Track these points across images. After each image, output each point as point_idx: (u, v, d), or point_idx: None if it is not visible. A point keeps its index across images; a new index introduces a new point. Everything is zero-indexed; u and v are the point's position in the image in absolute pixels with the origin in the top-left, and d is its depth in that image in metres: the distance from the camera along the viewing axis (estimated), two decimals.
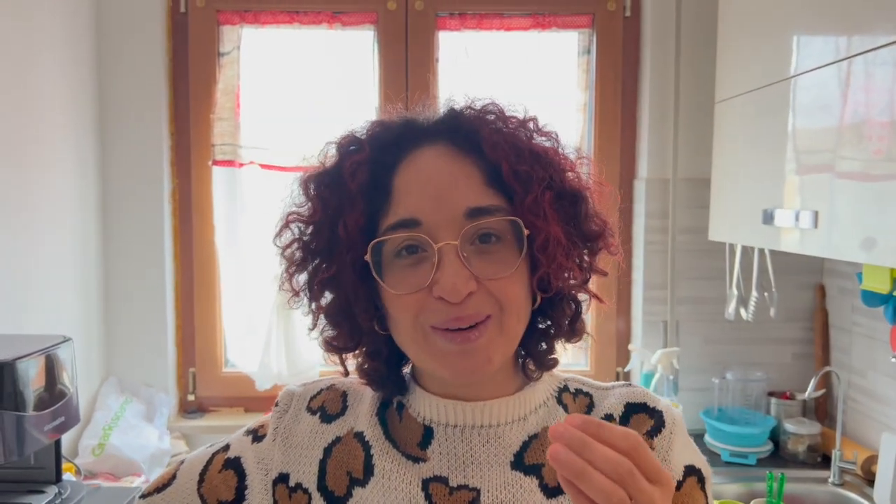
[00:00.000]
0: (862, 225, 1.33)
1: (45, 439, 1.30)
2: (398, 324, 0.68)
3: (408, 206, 0.65)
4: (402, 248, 0.66)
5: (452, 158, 0.67)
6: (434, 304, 0.64)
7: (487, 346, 0.66)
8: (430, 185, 0.66)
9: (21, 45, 1.70)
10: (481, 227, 0.65)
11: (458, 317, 0.64)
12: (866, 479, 1.79)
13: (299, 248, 0.71)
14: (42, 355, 1.30)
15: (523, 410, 0.73)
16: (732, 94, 1.81)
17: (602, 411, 0.74)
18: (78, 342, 1.88)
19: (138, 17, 2.06)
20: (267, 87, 2.13)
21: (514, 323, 0.67)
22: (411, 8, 2.11)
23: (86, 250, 2.01)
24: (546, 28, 2.13)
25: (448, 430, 0.71)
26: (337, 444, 0.74)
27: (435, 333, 0.66)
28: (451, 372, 0.66)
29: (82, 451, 1.86)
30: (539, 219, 0.65)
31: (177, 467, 0.79)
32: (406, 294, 0.65)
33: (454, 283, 0.62)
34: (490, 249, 0.65)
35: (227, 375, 2.22)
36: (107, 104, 2.07)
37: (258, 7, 2.10)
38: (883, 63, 1.28)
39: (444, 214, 0.64)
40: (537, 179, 0.66)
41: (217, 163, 2.12)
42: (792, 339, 2.14)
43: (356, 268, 0.67)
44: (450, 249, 0.64)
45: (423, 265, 0.65)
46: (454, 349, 0.65)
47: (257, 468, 0.75)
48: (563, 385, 0.77)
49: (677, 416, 0.74)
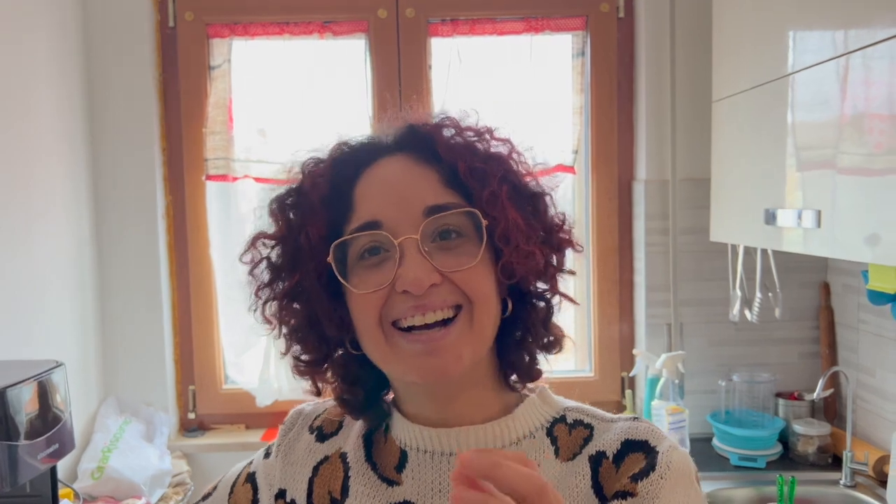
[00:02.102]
0: (865, 221, 1.30)
1: (39, 467, 1.28)
2: (363, 329, 0.67)
3: (368, 209, 0.67)
4: (365, 251, 0.66)
5: (411, 165, 0.68)
6: (398, 298, 0.64)
7: (456, 343, 0.64)
8: (389, 189, 0.67)
9: (9, 63, 1.68)
10: (441, 223, 0.65)
11: (422, 304, 0.63)
12: (878, 479, 1.76)
13: (267, 267, 0.71)
14: (34, 382, 1.28)
15: (500, 441, 0.69)
16: (730, 92, 1.79)
17: (596, 447, 0.69)
18: (75, 363, 1.86)
19: (127, 33, 2.05)
20: (259, 100, 2.11)
21: (483, 316, 0.65)
22: (402, 15, 2.09)
23: (80, 269, 1.98)
24: (539, 31, 2.10)
25: (420, 456, 0.71)
26: (324, 464, 0.76)
27: (399, 336, 0.65)
28: (419, 373, 0.64)
29: (81, 474, 1.83)
30: (497, 209, 0.66)
31: (220, 479, 0.85)
32: (369, 292, 0.65)
33: (416, 274, 0.62)
34: (451, 245, 0.65)
35: (228, 392, 2.20)
36: (97, 121, 2.05)
37: (248, 19, 2.08)
38: (881, 57, 1.26)
39: (403, 214, 0.65)
40: (493, 175, 0.67)
41: (210, 177, 2.10)
42: (798, 339, 2.11)
43: (320, 276, 0.68)
44: (411, 244, 0.64)
45: (386, 264, 0.65)
46: (419, 349, 0.64)
47: (265, 483, 0.79)
48: (560, 414, 0.73)
49: (678, 461, 0.66)
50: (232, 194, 2.11)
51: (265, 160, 2.10)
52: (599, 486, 0.67)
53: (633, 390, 2.20)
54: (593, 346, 2.22)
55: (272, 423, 2.18)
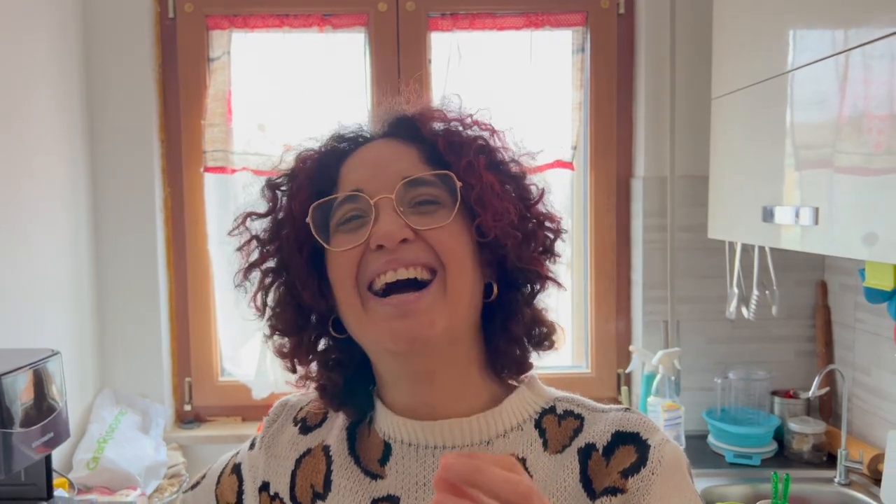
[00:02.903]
0: (863, 220, 1.30)
1: (34, 455, 1.28)
2: (340, 294, 0.67)
3: (350, 182, 0.68)
4: (345, 220, 0.67)
5: (394, 143, 0.71)
6: (372, 256, 0.64)
7: (430, 308, 0.63)
8: (370, 162, 0.69)
9: (8, 54, 1.68)
10: (417, 192, 0.66)
11: (394, 259, 0.63)
12: (873, 478, 1.76)
13: (256, 246, 0.72)
14: (30, 370, 1.27)
15: (486, 434, 0.68)
16: (729, 89, 1.78)
17: (586, 438, 0.67)
18: (71, 353, 1.86)
19: (126, 24, 2.04)
20: (258, 92, 2.11)
21: (457, 282, 0.65)
22: (402, 9, 2.09)
23: (78, 260, 1.98)
24: (539, 27, 2.10)
25: (404, 449, 0.70)
26: (307, 456, 0.75)
27: (374, 300, 0.64)
28: (391, 337, 0.63)
29: (76, 465, 1.83)
30: (473, 177, 0.67)
31: (210, 468, 0.85)
32: (344, 249, 0.66)
33: (388, 227, 0.63)
34: (428, 210, 0.66)
35: (224, 384, 2.20)
36: (96, 112, 2.05)
37: (247, 11, 2.08)
38: (881, 55, 1.25)
39: (381, 181, 0.66)
40: (470, 146, 0.69)
41: (209, 169, 2.09)
42: (794, 337, 2.12)
43: (302, 246, 0.69)
44: (385, 203, 0.65)
45: (363, 228, 0.66)
46: (392, 313, 0.63)
47: (249, 475, 0.78)
48: (549, 405, 0.71)
49: (670, 456, 0.64)
50: (230, 187, 2.10)
51: (264, 153, 2.10)
52: (588, 479, 0.65)
53: (629, 387, 2.20)
54: (590, 342, 2.22)
55: None
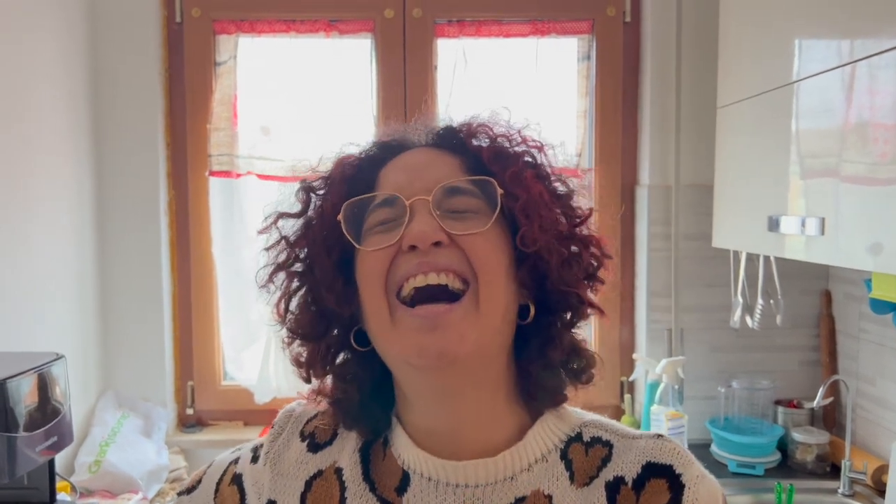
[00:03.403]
0: (868, 230, 1.30)
1: (38, 459, 1.28)
2: (367, 298, 0.64)
3: (388, 186, 0.66)
4: (379, 223, 0.65)
5: (436, 152, 0.69)
6: (403, 258, 0.62)
7: (460, 322, 0.60)
8: (410, 168, 0.67)
9: (15, 57, 1.68)
10: (455, 200, 0.64)
11: (426, 262, 0.61)
12: (877, 489, 1.75)
13: (284, 247, 0.70)
14: (34, 374, 1.28)
15: (511, 470, 0.65)
16: (734, 99, 1.78)
17: (615, 471, 0.63)
18: (74, 356, 1.86)
19: (133, 28, 2.05)
20: (264, 97, 2.11)
21: (490, 296, 0.61)
22: (409, 15, 2.09)
23: (82, 263, 1.98)
24: (545, 34, 2.10)
25: (423, 482, 0.66)
26: (318, 478, 0.71)
27: (403, 310, 0.61)
28: (418, 352, 0.60)
29: (79, 468, 1.83)
30: (519, 187, 0.64)
31: (205, 470, 0.80)
32: (376, 249, 0.63)
33: (422, 229, 0.61)
34: (465, 217, 0.64)
35: (226, 389, 2.20)
36: (102, 115, 2.05)
37: (254, 16, 2.08)
38: (887, 66, 1.25)
39: (420, 186, 0.64)
40: (518, 157, 0.67)
41: (214, 173, 2.10)
42: (798, 347, 2.11)
43: (330, 249, 0.67)
44: (421, 205, 0.63)
45: (397, 229, 0.63)
46: (421, 324, 0.60)
47: (253, 489, 0.74)
48: (576, 432, 0.67)
49: (705, 497, 0.60)
50: (235, 191, 2.11)
51: (269, 157, 2.10)
52: None
53: (632, 395, 2.20)
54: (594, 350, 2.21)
55: (270, 421, 2.13)
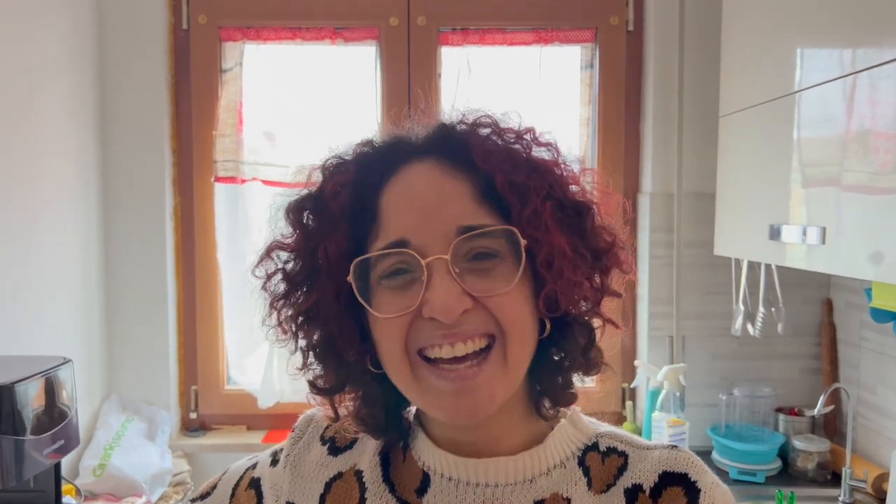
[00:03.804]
0: (869, 239, 1.31)
1: (44, 462, 1.29)
2: (387, 357, 0.61)
3: (395, 227, 0.60)
4: (389, 273, 0.60)
5: (442, 174, 0.61)
6: (425, 324, 0.58)
7: (489, 382, 0.58)
8: (418, 204, 0.60)
9: (22, 63, 1.70)
10: (474, 244, 0.59)
11: (451, 333, 0.57)
12: (877, 497, 1.76)
13: (282, 279, 0.65)
14: (42, 378, 1.29)
15: (530, 472, 0.65)
16: (737, 108, 1.80)
17: (632, 479, 0.63)
18: (79, 360, 1.87)
19: (140, 34, 2.06)
20: (269, 104, 2.13)
21: (519, 350, 0.60)
22: (413, 23, 2.11)
23: (87, 267, 2.00)
24: (548, 43, 2.12)
25: (444, 483, 0.66)
26: (338, 480, 0.70)
27: (426, 369, 0.59)
28: (447, 414, 0.60)
29: (83, 471, 1.84)
30: (540, 231, 0.59)
31: (220, 476, 0.79)
32: (394, 317, 0.59)
33: (445, 300, 0.56)
34: (485, 266, 0.59)
35: (230, 393, 2.21)
36: (109, 121, 2.07)
37: (260, 23, 2.10)
38: (888, 77, 1.27)
39: (433, 232, 0.59)
40: (535, 189, 0.60)
41: (219, 179, 2.11)
42: (800, 355, 2.12)
43: (339, 296, 0.61)
44: (440, 265, 0.57)
45: (413, 287, 0.59)
46: (449, 388, 0.58)
47: (271, 492, 0.73)
48: (592, 441, 0.67)
49: (721, 500, 0.62)
50: (240, 197, 2.12)
51: (274, 163, 2.12)
52: None
53: (633, 402, 2.20)
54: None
55: (274, 425, 2.18)
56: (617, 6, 2.12)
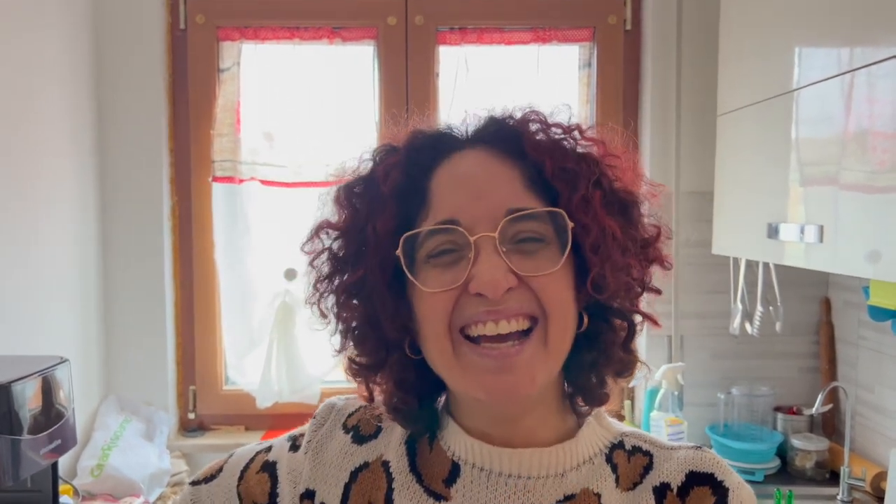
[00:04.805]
0: (867, 238, 1.31)
1: (41, 462, 1.28)
2: (429, 334, 0.62)
3: (444, 206, 0.62)
4: (437, 252, 0.61)
5: (492, 159, 0.63)
6: (469, 301, 0.59)
7: (530, 362, 0.59)
8: (468, 185, 0.62)
9: (19, 63, 1.70)
10: (522, 227, 0.60)
11: (496, 310, 0.58)
12: (876, 496, 1.76)
13: (328, 258, 0.67)
14: (39, 377, 1.28)
15: (562, 466, 0.65)
16: (734, 107, 1.80)
17: (660, 477, 0.64)
18: (76, 360, 1.87)
19: (138, 34, 2.06)
20: (267, 103, 2.12)
21: (560, 334, 0.60)
22: (411, 23, 2.11)
23: (85, 267, 1.99)
24: (546, 42, 2.12)
25: (474, 472, 0.65)
26: (364, 470, 0.69)
27: (468, 346, 0.60)
28: (487, 392, 0.59)
29: (81, 472, 1.84)
30: (588, 217, 0.61)
31: (226, 459, 0.78)
32: (439, 291, 0.60)
33: (493, 274, 0.57)
34: (531, 249, 0.60)
35: (228, 393, 2.20)
36: (106, 121, 2.06)
37: (258, 23, 2.10)
38: (886, 75, 1.27)
39: (482, 213, 0.60)
40: (584, 176, 0.62)
41: (217, 179, 2.11)
42: (798, 354, 2.12)
43: (385, 272, 0.63)
44: (487, 242, 0.59)
45: (459, 264, 0.60)
46: (490, 366, 0.59)
47: (288, 478, 0.72)
48: (618, 440, 0.68)
49: (748, 498, 0.63)
50: (238, 196, 2.11)
51: (272, 163, 2.11)
52: None
53: (632, 401, 2.20)
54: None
55: (272, 425, 2.18)
56: (615, 5, 2.12)
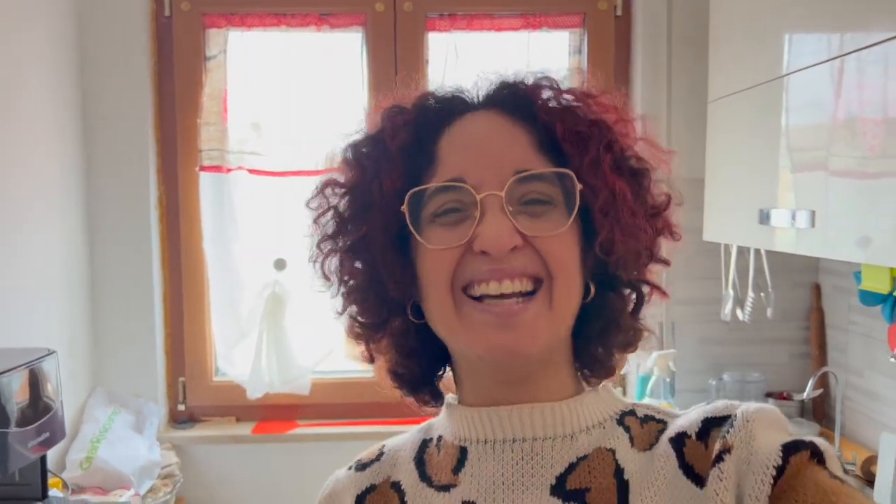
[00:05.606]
0: (857, 223, 1.31)
1: (29, 455, 1.27)
2: (431, 292, 0.61)
3: (452, 165, 0.61)
4: (443, 211, 0.61)
5: (503, 122, 0.63)
6: (473, 259, 0.59)
7: (534, 320, 0.58)
8: (476, 146, 0.61)
9: (2, 53, 1.67)
10: (529, 188, 0.59)
11: (499, 269, 0.58)
12: (866, 479, 1.77)
13: (333, 217, 0.65)
14: (25, 369, 1.27)
15: (571, 427, 0.62)
16: (725, 93, 1.79)
17: (675, 430, 0.61)
18: (64, 352, 1.84)
19: (122, 21, 2.03)
20: (254, 91, 2.10)
21: (565, 296, 0.59)
22: (400, 9, 2.09)
23: (72, 259, 1.97)
24: (536, 28, 2.10)
25: (480, 448, 0.63)
26: (371, 493, 0.68)
27: (470, 304, 0.59)
28: (488, 349, 0.58)
29: (70, 465, 1.82)
30: (598, 179, 0.60)
31: None
32: (443, 248, 0.59)
33: (499, 232, 0.57)
34: (538, 211, 0.59)
35: (218, 384, 2.19)
36: (91, 110, 2.04)
37: (244, 10, 2.07)
38: (875, 61, 1.26)
39: (490, 173, 0.59)
40: (595, 139, 0.61)
41: (204, 168, 2.09)
42: (789, 339, 2.13)
43: (389, 230, 0.62)
44: (494, 201, 0.58)
45: (465, 223, 0.59)
46: (492, 321, 0.58)
47: None
48: (629, 409, 0.66)
49: (760, 409, 0.58)
50: (225, 186, 2.09)
51: (259, 152, 2.09)
52: (689, 466, 0.58)
53: (623, 388, 2.21)
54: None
55: (263, 416, 2.17)
56: None
